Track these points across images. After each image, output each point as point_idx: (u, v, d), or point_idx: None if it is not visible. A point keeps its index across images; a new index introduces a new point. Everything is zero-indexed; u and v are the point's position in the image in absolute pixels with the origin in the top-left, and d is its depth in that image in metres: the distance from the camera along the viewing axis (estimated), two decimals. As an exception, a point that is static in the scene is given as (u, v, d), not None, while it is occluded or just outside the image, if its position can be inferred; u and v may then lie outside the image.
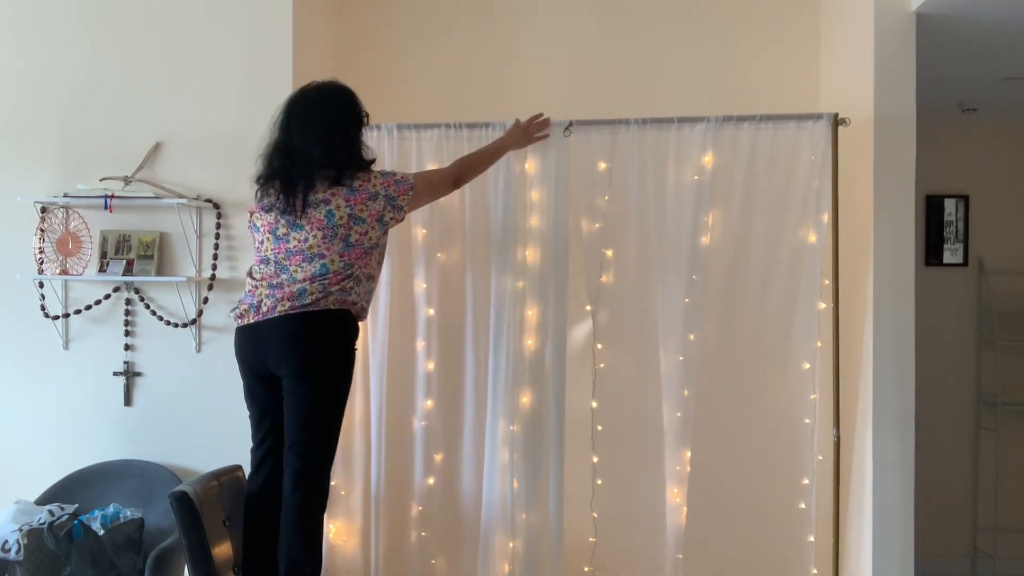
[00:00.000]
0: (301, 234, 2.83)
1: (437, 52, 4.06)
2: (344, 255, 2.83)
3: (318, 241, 2.81)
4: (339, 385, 2.91)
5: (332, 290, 2.82)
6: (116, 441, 3.57)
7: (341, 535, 3.51)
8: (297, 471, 2.84)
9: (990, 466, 4.79)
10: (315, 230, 2.81)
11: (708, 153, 3.30)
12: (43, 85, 3.63)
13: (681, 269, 3.33)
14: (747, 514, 3.37)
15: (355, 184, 2.84)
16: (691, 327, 3.31)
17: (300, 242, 2.84)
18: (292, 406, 2.86)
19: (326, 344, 2.85)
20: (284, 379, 2.86)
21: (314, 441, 2.85)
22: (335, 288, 2.82)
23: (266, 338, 2.84)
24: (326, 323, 2.84)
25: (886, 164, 3.30)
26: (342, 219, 2.81)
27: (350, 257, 2.84)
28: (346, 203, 2.82)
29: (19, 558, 3.11)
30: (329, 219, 2.80)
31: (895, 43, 3.30)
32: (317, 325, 2.82)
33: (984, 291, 4.79)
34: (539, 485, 3.31)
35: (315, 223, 2.81)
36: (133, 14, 3.61)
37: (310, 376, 2.83)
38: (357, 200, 2.83)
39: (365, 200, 2.84)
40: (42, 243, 3.55)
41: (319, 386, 2.85)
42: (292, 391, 2.85)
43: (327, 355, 2.86)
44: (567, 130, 3.36)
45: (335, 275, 2.82)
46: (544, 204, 3.35)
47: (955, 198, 4.83)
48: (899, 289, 3.30)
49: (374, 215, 2.85)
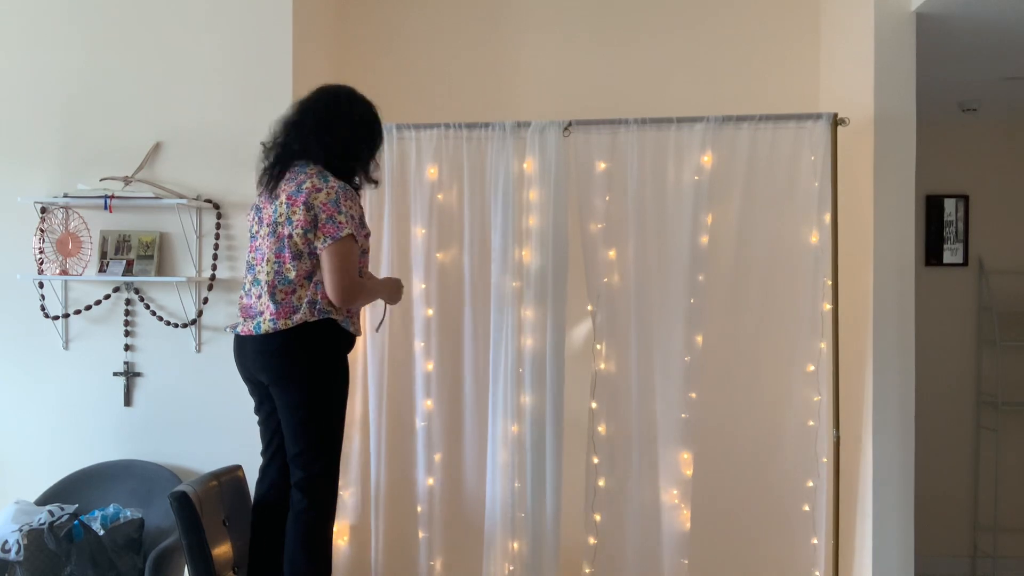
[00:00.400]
0: (263, 230, 2.82)
1: (437, 52, 4.06)
2: (280, 256, 2.73)
3: (264, 239, 2.79)
4: (325, 391, 2.82)
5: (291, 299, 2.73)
6: (116, 441, 3.57)
7: (341, 535, 3.51)
8: (299, 482, 2.81)
9: (990, 466, 4.79)
10: (265, 225, 2.79)
11: (708, 153, 3.30)
12: (43, 85, 3.63)
13: (681, 269, 3.33)
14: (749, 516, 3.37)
15: (305, 185, 2.71)
16: (696, 328, 3.31)
17: (262, 239, 2.82)
18: (283, 416, 2.82)
19: (298, 354, 2.76)
20: (270, 388, 2.83)
21: (312, 450, 2.80)
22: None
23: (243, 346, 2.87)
24: (296, 333, 2.74)
25: (886, 164, 3.30)
26: (282, 215, 2.72)
27: (285, 259, 2.73)
28: (286, 200, 2.72)
29: (19, 558, 3.11)
30: (274, 214, 2.75)
31: (895, 43, 3.30)
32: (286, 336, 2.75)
33: (984, 291, 4.79)
34: (539, 485, 3.31)
35: (267, 217, 2.79)
36: (133, 14, 3.61)
37: (288, 386, 2.78)
38: (296, 200, 2.70)
39: (301, 203, 2.69)
40: (42, 243, 3.55)
41: (302, 395, 2.78)
42: (279, 401, 2.82)
43: (303, 364, 2.77)
44: (567, 130, 3.36)
45: (271, 284, 2.73)
46: (543, 204, 3.35)
47: (955, 198, 4.82)
48: (899, 289, 3.30)
49: (300, 223, 2.69)
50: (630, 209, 3.37)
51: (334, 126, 2.80)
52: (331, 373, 2.81)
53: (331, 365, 2.81)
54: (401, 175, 3.49)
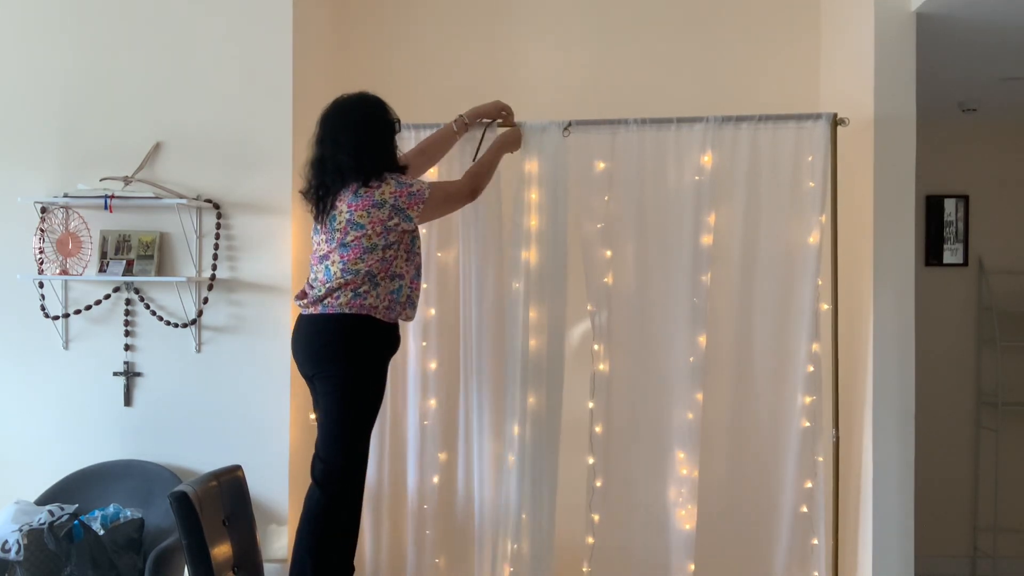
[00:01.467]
0: (317, 238, 2.97)
1: (437, 52, 4.06)
2: (344, 256, 2.86)
3: (323, 244, 2.92)
4: (355, 392, 2.89)
5: (342, 293, 2.85)
6: (116, 441, 3.57)
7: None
8: (317, 480, 2.89)
9: (990, 466, 4.79)
10: (323, 233, 2.93)
11: (707, 153, 3.30)
12: (43, 85, 3.63)
13: (681, 270, 3.33)
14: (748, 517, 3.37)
15: (362, 191, 2.86)
16: (697, 329, 3.31)
17: (316, 246, 2.97)
18: (317, 411, 2.96)
19: (333, 348, 2.87)
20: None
21: (332, 449, 2.87)
22: (348, 291, 2.85)
23: (294, 339, 3.01)
24: (335, 327, 2.87)
25: (886, 164, 3.30)
26: (340, 224, 2.86)
27: (349, 258, 2.86)
28: (348, 208, 2.85)
29: (19, 558, 3.11)
30: (331, 223, 2.89)
31: (895, 43, 3.30)
32: (325, 329, 2.88)
33: (984, 291, 4.79)
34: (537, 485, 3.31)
35: (324, 227, 2.93)
36: (133, 14, 3.61)
37: (323, 381, 2.89)
38: (358, 206, 2.85)
39: (367, 207, 2.84)
40: (42, 243, 3.55)
41: (332, 392, 2.87)
42: (315, 394, 2.97)
43: (337, 360, 2.87)
44: (566, 130, 3.36)
45: (339, 278, 2.86)
46: (544, 204, 3.35)
47: (955, 198, 4.83)
48: (899, 289, 3.30)
49: (377, 222, 2.86)
50: (630, 209, 3.37)
51: (348, 144, 2.89)
52: (367, 371, 2.92)
53: (368, 362, 2.92)
54: (401, 175, 3.49)
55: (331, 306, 2.85)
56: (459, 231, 3.46)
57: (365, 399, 2.92)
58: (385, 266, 2.89)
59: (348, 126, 2.90)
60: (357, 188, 2.86)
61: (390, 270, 2.91)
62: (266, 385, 3.52)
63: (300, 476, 3.60)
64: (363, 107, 2.95)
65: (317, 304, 2.88)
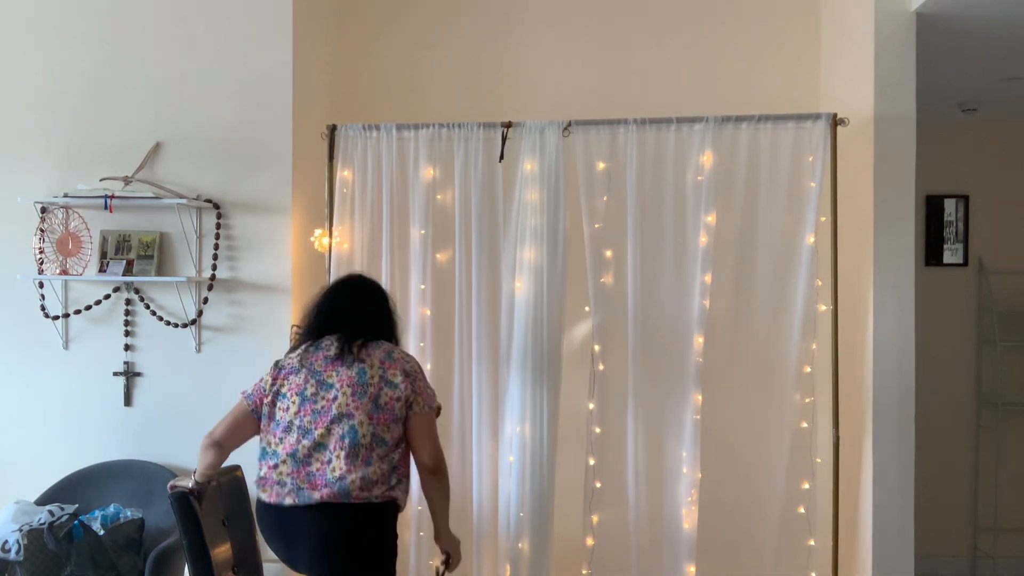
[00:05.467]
0: (330, 392, 2.61)
1: (437, 52, 4.06)
2: (373, 417, 2.58)
3: (347, 399, 2.59)
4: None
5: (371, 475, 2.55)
6: (116, 441, 3.57)
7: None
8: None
9: (990, 466, 4.79)
10: (345, 387, 2.60)
11: (707, 153, 3.30)
12: (44, 86, 3.63)
13: (680, 270, 3.33)
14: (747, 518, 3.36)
15: (395, 354, 2.69)
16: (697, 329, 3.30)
17: (329, 401, 2.60)
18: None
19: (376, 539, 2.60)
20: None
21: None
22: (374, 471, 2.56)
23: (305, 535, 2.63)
24: (367, 520, 2.57)
25: (886, 164, 3.30)
26: (374, 377, 2.61)
27: (381, 420, 2.59)
28: (380, 364, 2.63)
29: (19, 558, 3.11)
30: (360, 376, 2.61)
31: (895, 43, 3.30)
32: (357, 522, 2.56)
33: (984, 291, 4.79)
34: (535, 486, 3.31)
35: (345, 379, 2.61)
36: (133, 14, 3.61)
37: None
38: (392, 366, 2.64)
39: (400, 369, 2.64)
40: (42, 243, 3.55)
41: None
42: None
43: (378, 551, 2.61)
44: (566, 130, 3.36)
45: (368, 447, 2.56)
46: (543, 204, 3.35)
47: (955, 198, 4.82)
48: (899, 289, 3.30)
49: (404, 390, 2.63)
50: (629, 209, 3.36)
51: (382, 309, 2.84)
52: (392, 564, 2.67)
53: (394, 555, 2.68)
54: (400, 175, 3.49)
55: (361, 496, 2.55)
56: (458, 232, 3.46)
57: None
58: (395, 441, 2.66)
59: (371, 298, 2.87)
60: (389, 349, 2.71)
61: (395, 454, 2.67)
62: (266, 385, 3.52)
63: (300, 476, 3.60)
64: (380, 290, 2.93)
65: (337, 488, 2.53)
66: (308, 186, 3.66)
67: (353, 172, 3.52)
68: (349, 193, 3.53)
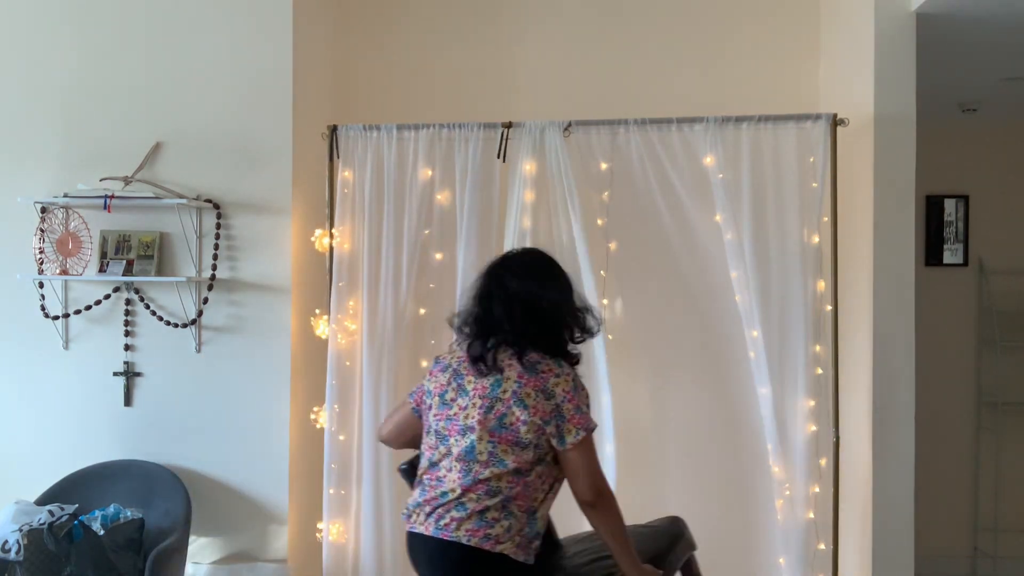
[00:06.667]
0: (464, 399, 2.30)
1: (437, 52, 4.06)
2: (495, 435, 2.24)
3: (475, 411, 2.27)
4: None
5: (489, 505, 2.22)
6: (116, 441, 3.57)
7: (343, 535, 3.51)
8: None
9: (990, 466, 4.79)
10: (476, 398, 2.28)
11: (707, 153, 3.30)
12: (43, 85, 3.63)
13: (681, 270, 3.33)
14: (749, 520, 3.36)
15: (540, 367, 2.27)
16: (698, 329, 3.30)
17: (460, 409, 2.30)
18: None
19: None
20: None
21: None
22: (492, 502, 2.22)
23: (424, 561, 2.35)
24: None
25: (886, 164, 3.30)
26: (506, 391, 2.25)
27: (502, 441, 2.24)
28: (517, 378, 2.26)
29: (19, 558, 3.11)
30: (493, 389, 2.27)
31: (895, 43, 3.30)
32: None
33: (984, 291, 4.79)
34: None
35: (479, 389, 2.28)
36: (133, 14, 3.61)
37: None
38: (529, 382, 2.25)
39: (539, 388, 2.25)
40: (42, 243, 3.55)
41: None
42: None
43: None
44: (567, 130, 3.36)
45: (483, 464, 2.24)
46: (543, 204, 3.35)
47: (955, 198, 4.82)
48: (899, 289, 3.30)
49: (540, 413, 2.23)
50: (630, 209, 3.37)
51: (543, 299, 2.33)
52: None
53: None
54: (400, 175, 3.49)
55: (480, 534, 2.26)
56: (460, 232, 3.46)
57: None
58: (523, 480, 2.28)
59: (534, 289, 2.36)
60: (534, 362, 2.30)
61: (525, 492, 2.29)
62: (266, 385, 3.52)
63: (300, 476, 3.60)
64: (552, 267, 2.44)
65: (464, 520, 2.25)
66: (308, 186, 3.66)
67: (353, 172, 3.53)
68: (349, 193, 3.53)
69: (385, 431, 2.60)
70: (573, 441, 2.23)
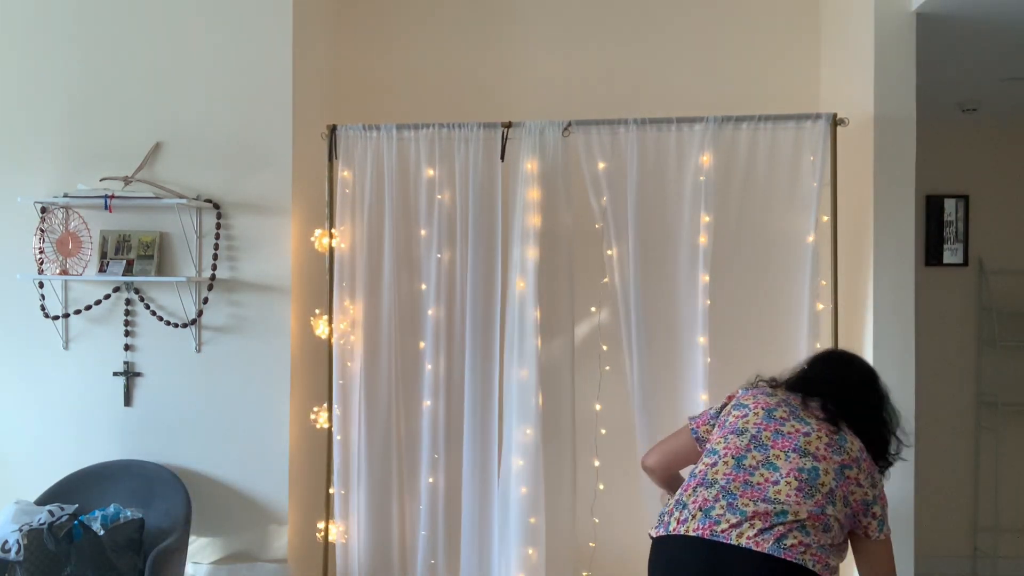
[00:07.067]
0: (804, 427, 2.20)
1: (437, 52, 4.06)
2: (839, 484, 2.13)
3: (821, 444, 2.17)
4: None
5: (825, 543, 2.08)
6: (116, 441, 3.57)
7: (343, 535, 3.51)
8: None
9: (990, 466, 4.79)
10: (822, 434, 2.19)
11: (707, 153, 3.30)
12: (43, 85, 3.63)
13: (682, 270, 3.33)
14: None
15: (866, 455, 2.23)
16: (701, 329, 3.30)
17: (798, 432, 2.19)
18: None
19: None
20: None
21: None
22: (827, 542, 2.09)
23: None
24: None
25: (886, 164, 3.30)
26: (851, 452, 2.18)
27: (842, 486, 2.14)
28: (860, 451, 2.21)
29: (19, 558, 3.11)
30: (841, 442, 2.18)
31: (895, 43, 3.30)
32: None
33: (984, 291, 4.79)
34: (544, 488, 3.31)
35: (824, 431, 2.19)
36: (133, 14, 3.61)
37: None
38: (866, 462, 2.21)
39: (871, 473, 2.21)
40: (42, 243, 3.55)
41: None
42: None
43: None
44: (566, 130, 3.36)
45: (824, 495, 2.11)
46: (544, 204, 3.35)
47: (955, 198, 4.82)
48: (899, 289, 3.30)
49: (870, 491, 2.19)
50: (630, 209, 3.37)
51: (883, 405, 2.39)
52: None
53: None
54: (400, 175, 3.50)
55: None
56: (460, 232, 3.46)
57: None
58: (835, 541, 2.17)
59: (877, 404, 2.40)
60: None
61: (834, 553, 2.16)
62: (266, 385, 3.52)
63: (300, 476, 3.60)
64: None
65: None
66: (308, 186, 3.66)
67: (353, 172, 3.53)
68: (350, 193, 3.53)
69: (653, 459, 2.48)
70: (884, 532, 2.21)
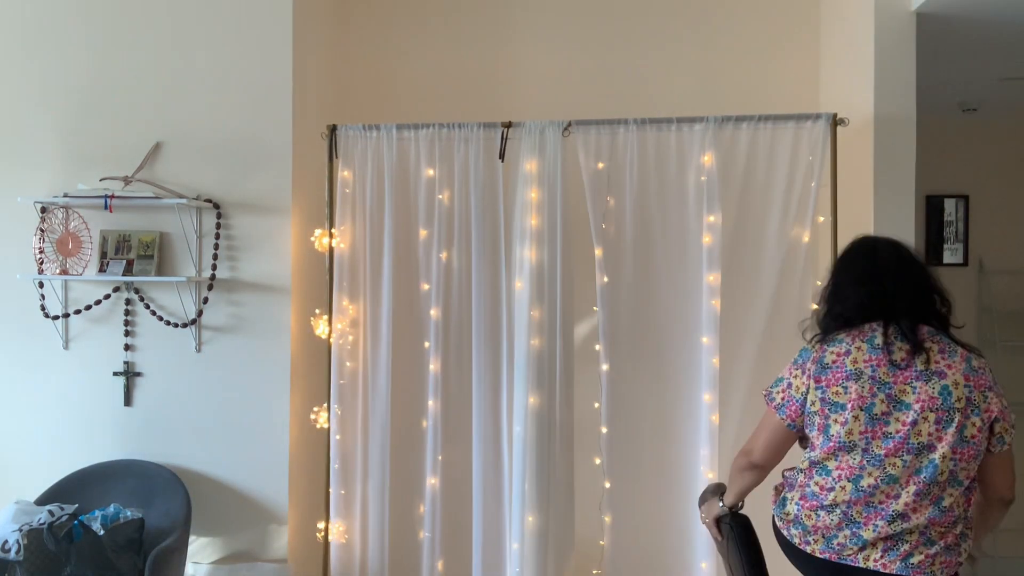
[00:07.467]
0: (906, 415, 2.08)
1: (437, 52, 4.07)
2: (957, 452, 2.06)
3: (930, 426, 2.06)
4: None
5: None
6: (116, 441, 3.57)
7: (344, 535, 3.51)
8: None
9: (990, 466, 4.79)
10: (927, 411, 2.07)
11: (707, 153, 3.30)
12: (44, 85, 3.63)
13: (682, 270, 3.33)
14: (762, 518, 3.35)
15: (974, 363, 2.13)
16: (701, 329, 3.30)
17: (904, 425, 2.07)
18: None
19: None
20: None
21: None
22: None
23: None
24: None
25: (886, 164, 3.31)
26: (960, 399, 2.07)
27: (963, 457, 2.06)
28: (965, 381, 2.09)
29: (19, 558, 3.11)
30: (945, 398, 2.07)
31: (895, 43, 3.30)
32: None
33: (984, 291, 4.79)
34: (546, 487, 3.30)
35: (926, 400, 2.07)
36: (134, 15, 3.60)
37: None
38: (978, 383, 2.11)
39: (985, 388, 2.11)
40: (42, 243, 3.55)
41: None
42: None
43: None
44: (566, 130, 3.36)
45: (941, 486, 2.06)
46: (544, 204, 3.35)
47: (955, 198, 4.82)
48: (899, 289, 3.29)
49: (988, 415, 2.09)
50: (630, 209, 3.37)
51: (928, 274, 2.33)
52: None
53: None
54: (400, 175, 3.50)
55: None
56: (461, 232, 3.46)
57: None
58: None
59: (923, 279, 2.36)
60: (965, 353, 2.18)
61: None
62: (266, 385, 3.52)
63: (300, 476, 3.60)
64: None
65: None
66: (308, 186, 3.66)
67: (353, 172, 3.53)
68: (349, 193, 3.53)
69: (761, 456, 2.35)
70: (1010, 440, 2.12)
